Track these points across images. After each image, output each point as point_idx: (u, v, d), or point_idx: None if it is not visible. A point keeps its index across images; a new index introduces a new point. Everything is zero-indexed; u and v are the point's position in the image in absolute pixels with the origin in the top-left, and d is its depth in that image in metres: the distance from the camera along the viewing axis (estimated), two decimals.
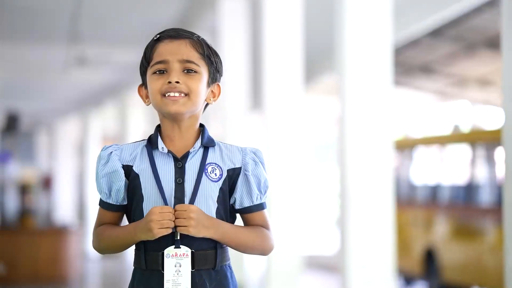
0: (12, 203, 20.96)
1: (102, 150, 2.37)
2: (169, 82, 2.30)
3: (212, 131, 12.33)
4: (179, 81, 2.31)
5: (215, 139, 2.40)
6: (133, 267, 2.36)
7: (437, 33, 12.36)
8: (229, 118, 10.15)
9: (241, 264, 10.14)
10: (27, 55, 15.69)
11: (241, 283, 10.18)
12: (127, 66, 17.27)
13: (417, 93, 17.58)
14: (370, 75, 6.28)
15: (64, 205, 24.68)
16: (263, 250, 2.38)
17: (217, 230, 2.28)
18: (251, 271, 10.98)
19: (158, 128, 2.38)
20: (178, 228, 2.24)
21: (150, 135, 2.40)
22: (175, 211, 2.25)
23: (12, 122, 19.42)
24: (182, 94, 2.31)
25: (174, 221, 2.24)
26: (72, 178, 25.24)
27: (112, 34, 13.99)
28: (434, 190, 11.83)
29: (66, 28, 12.96)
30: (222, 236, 2.29)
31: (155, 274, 2.28)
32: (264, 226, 2.39)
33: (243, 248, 2.35)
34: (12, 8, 12.18)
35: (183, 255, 2.27)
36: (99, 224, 2.37)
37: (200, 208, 2.28)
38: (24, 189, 22.28)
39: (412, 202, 12.40)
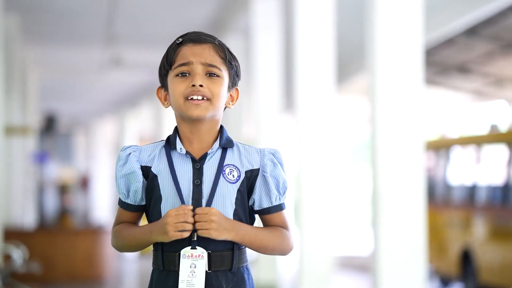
0: (51, 203, 21.17)
1: (121, 151, 2.38)
2: (193, 86, 2.30)
3: (245, 132, 12.33)
4: (202, 84, 2.31)
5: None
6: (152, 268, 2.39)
7: (473, 32, 12.26)
8: (262, 119, 10.16)
9: (274, 264, 10.15)
10: (64, 57, 15.86)
11: (274, 282, 10.18)
12: None
13: (453, 93, 17.44)
14: (401, 75, 6.25)
15: (100, 205, 24.87)
16: (283, 250, 2.38)
17: (238, 232, 2.29)
18: (283, 271, 10.98)
19: (177, 129, 2.38)
20: (199, 232, 2.25)
21: (169, 136, 2.40)
22: (195, 214, 2.26)
23: (51, 123, 19.63)
24: (205, 98, 2.31)
25: (194, 224, 2.25)
26: (109, 178, 25.42)
27: (147, 36, 14.07)
28: (471, 191, 11.73)
29: (102, 30, 13.07)
30: (243, 238, 2.30)
31: (171, 275, 2.29)
32: (284, 226, 2.39)
33: (263, 250, 2.35)
34: (49, 11, 12.31)
35: (199, 257, 2.27)
36: (118, 223, 2.40)
37: (219, 211, 2.28)
38: (63, 189, 22.50)
39: (449, 203, 12.30)
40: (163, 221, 2.25)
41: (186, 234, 2.24)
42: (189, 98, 2.30)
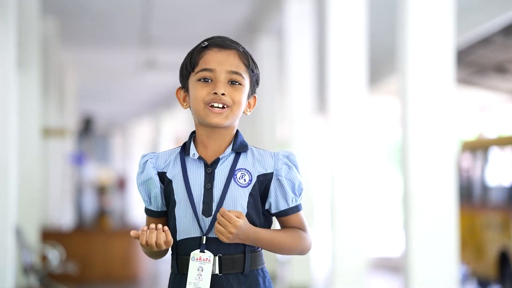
0: (89, 204, 21.38)
1: (140, 159, 2.44)
2: (215, 93, 2.32)
3: (278, 134, 12.27)
4: (225, 93, 2.32)
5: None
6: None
7: (509, 31, 12.14)
8: (295, 120, 10.16)
9: (307, 265, 10.16)
10: (100, 59, 16.00)
11: (307, 283, 10.19)
12: None
13: (490, 93, 17.29)
14: (433, 75, 6.23)
15: (136, 205, 25.03)
16: (301, 251, 2.40)
17: (249, 235, 2.31)
18: (317, 271, 10.97)
19: (193, 134, 2.41)
20: (215, 232, 2.28)
21: (185, 142, 2.43)
22: (221, 215, 2.28)
23: (88, 124, 19.82)
24: (225, 106, 2.33)
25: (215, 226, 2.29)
26: None
27: (182, 38, 14.14)
28: (509, 192, 11.61)
29: (138, 32, 13.17)
30: (254, 240, 2.32)
31: (185, 278, 2.32)
32: (301, 227, 2.41)
33: (279, 251, 2.38)
34: (86, 14, 12.44)
35: (206, 260, 2.29)
36: None
37: (245, 221, 2.31)
38: (101, 190, 22.69)
39: (486, 204, 12.19)
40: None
41: (169, 242, 2.29)
42: (210, 105, 2.32)
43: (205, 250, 2.30)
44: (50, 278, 9.26)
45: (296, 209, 2.41)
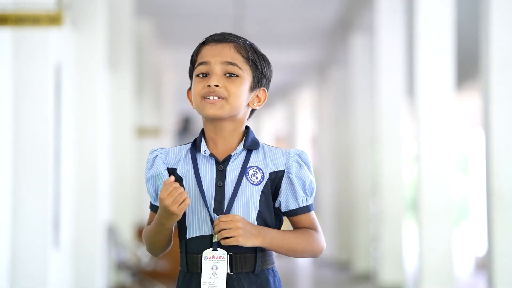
0: None
1: (149, 154, 2.41)
2: (209, 86, 2.30)
3: (368, 129, 12.14)
4: (218, 84, 2.30)
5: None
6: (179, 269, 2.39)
7: None
8: (385, 117, 10.07)
9: (400, 263, 10.04)
10: None
11: (399, 282, 10.06)
12: (293, 66, 17.47)
13: None
14: None
15: None
16: (313, 253, 2.35)
17: (265, 237, 2.27)
18: (408, 270, 10.83)
19: (203, 131, 2.39)
20: (227, 240, 2.25)
21: (195, 138, 2.41)
22: (219, 221, 2.25)
23: (187, 124, 20.13)
24: (221, 98, 2.30)
25: (220, 233, 2.25)
26: None
27: (275, 36, 14.18)
28: None
29: (231, 31, 13.27)
30: (270, 243, 2.28)
31: (195, 277, 2.30)
32: (312, 228, 2.36)
33: (292, 253, 2.33)
34: (180, 15, 12.64)
35: (220, 258, 2.26)
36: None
37: (242, 216, 2.27)
38: None
39: None
40: (162, 206, 2.24)
41: (188, 202, 2.23)
42: (206, 98, 2.30)
43: (218, 248, 2.27)
44: (143, 275, 9.44)
45: (307, 209, 2.35)
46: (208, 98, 2.30)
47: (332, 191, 15.64)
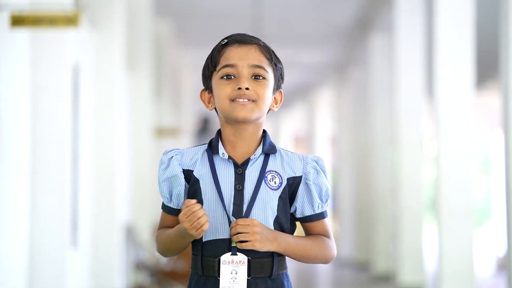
0: None
1: (163, 155, 2.38)
2: (239, 88, 2.27)
3: (388, 131, 12.09)
4: (249, 87, 2.27)
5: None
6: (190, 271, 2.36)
7: None
8: (404, 116, 10.02)
9: (420, 264, 9.99)
10: None
11: (419, 282, 10.01)
12: (313, 66, 17.43)
13: None
14: None
15: None
16: (325, 259, 2.34)
17: (281, 243, 2.26)
18: (428, 271, 10.77)
19: (219, 133, 2.36)
20: (242, 245, 2.23)
21: (211, 140, 2.38)
22: (236, 224, 2.23)
23: (206, 124, 20.15)
24: (251, 101, 2.28)
25: (237, 236, 2.23)
26: None
27: (295, 36, 14.16)
28: None
29: (250, 31, 13.26)
30: (285, 249, 2.27)
31: (210, 280, 2.27)
32: (325, 234, 2.35)
33: (304, 259, 2.32)
34: (198, 15, 12.64)
35: (240, 262, 2.24)
36: (161, 227, 2.38)
37: (259, 221, 2.25)
38: None
39: None
40: (182, 226, 2.22)
41: (206, 227, 2.20)
42: (235, 101, 2.28)
43: (238, 253, 2.24)
44: (161, 275, 9.44)
45: (322, 215, 2.34)
46: (239, 101, 2.28)
47: (351, 191, 15.59)
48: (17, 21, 5.07)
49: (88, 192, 7.69)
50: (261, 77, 2.30)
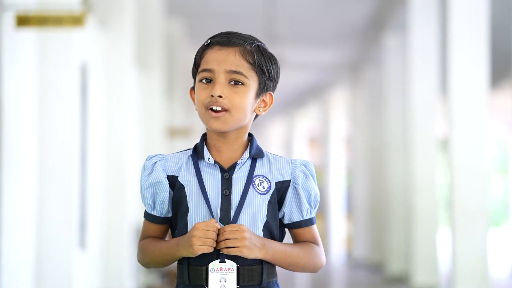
0: None
1: (146, 160, 2.29)
2: (212, 96, 2.19)
3: (400, 128, 11.99)
4: (222, 95, 2.18)
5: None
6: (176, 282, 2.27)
7: None
8: (418, 116, 9.94)
9: (434, 265, 9.91)
10: None
11: (433, 284, 9.93)
12: (326, 66, 17.34)
13: None
14: None
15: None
16: (314, 267, 2.26)
17: (268, 250, 2.18)
18: (442, 272, 10.69)
19: (204, 137, 2.27)
20: (229, 250, 2.14)
21: (196, 145, 2.29)
22: (224, 230, 2.15)
23: None
24: (224, 110, 2.19)
25: (224, 242, 2.15)
26: None
27: (308, 35, 14.08)
28: None
29: (263, 31, 13.20)
30: (273, 257, 2.19)
31: None
32: (314, 241, 2.26)
33: (292, 268, 2.23)
34: (210, 15, 12.59)
35: (229, 270, 2.16)
36: (144, 237, 2.29)
37: (248, 227, 2.18)
38: None
39: None
40: (190, 233, 2.14)
41: (210, 249, 2.14)
42: (210, 109, 2.19)
43: (226, 260, 2.16)
44: (172, 277, 9.40)
45: (310, 222, 2.26)
46: (212, 109, 2.19)
47: (365, 192, 15.50)
48: (23, 21, 5.01)
49: (98, 194, 7.64)
50: (239, 83, 2.20)
